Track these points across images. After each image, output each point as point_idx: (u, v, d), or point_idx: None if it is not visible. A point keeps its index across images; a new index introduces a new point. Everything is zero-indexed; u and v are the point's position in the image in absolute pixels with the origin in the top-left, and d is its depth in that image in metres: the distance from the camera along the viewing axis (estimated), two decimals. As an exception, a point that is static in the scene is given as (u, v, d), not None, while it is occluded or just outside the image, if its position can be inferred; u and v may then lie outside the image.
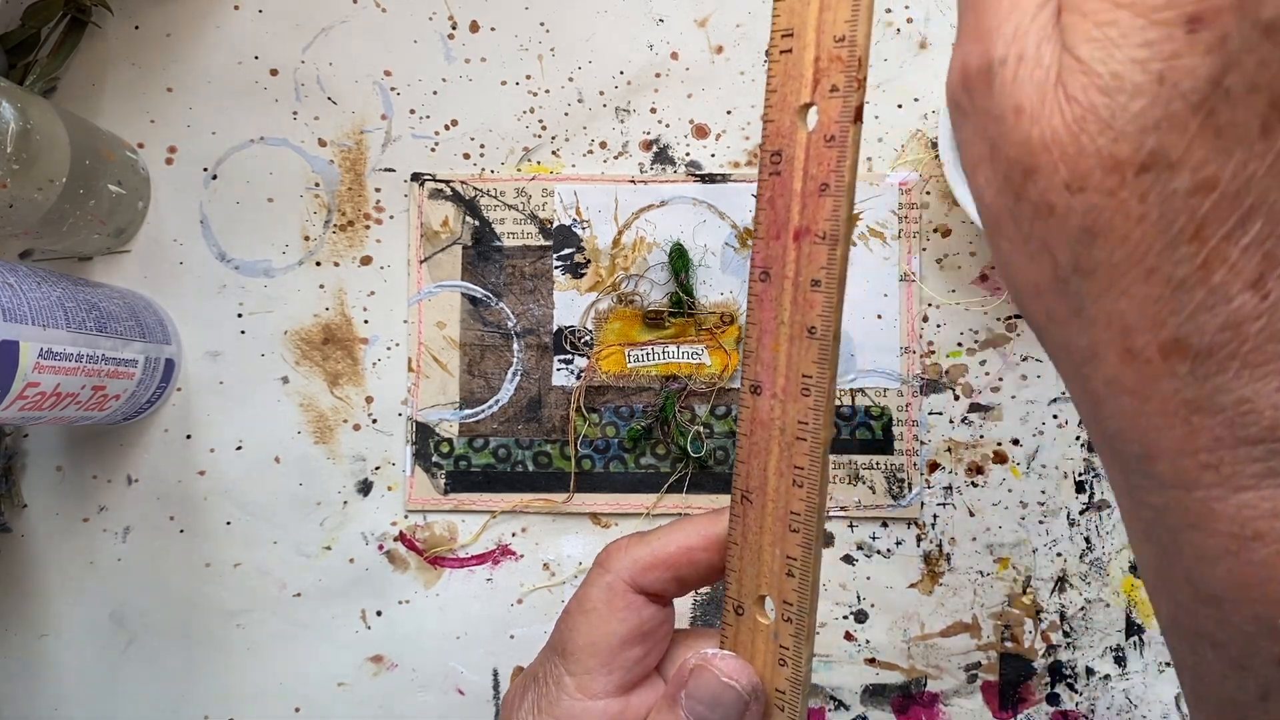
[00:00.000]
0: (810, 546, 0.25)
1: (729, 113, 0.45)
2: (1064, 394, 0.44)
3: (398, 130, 0.46)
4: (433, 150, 0.46)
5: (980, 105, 0.18)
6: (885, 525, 0.44)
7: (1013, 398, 0.44)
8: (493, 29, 0.46)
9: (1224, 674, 0.18)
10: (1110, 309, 0.17)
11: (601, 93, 0.45)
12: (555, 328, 0.45)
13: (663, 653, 0.29)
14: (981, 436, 0.44)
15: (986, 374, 0.44)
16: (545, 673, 0.28)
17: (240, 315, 0.45)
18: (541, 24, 0.46)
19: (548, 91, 0.46)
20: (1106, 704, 0.43)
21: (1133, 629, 0.44)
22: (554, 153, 0.46)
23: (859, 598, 0.44)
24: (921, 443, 0.44)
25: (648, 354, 0.45)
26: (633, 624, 0.27)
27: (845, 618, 0.44)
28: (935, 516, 0.44)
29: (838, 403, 0.44)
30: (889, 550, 0.44)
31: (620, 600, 0.27)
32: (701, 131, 0.45)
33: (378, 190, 0.46)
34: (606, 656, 0.27)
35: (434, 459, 0.45)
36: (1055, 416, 0.44)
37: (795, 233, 0.24)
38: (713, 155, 0.45)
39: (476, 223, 0.45)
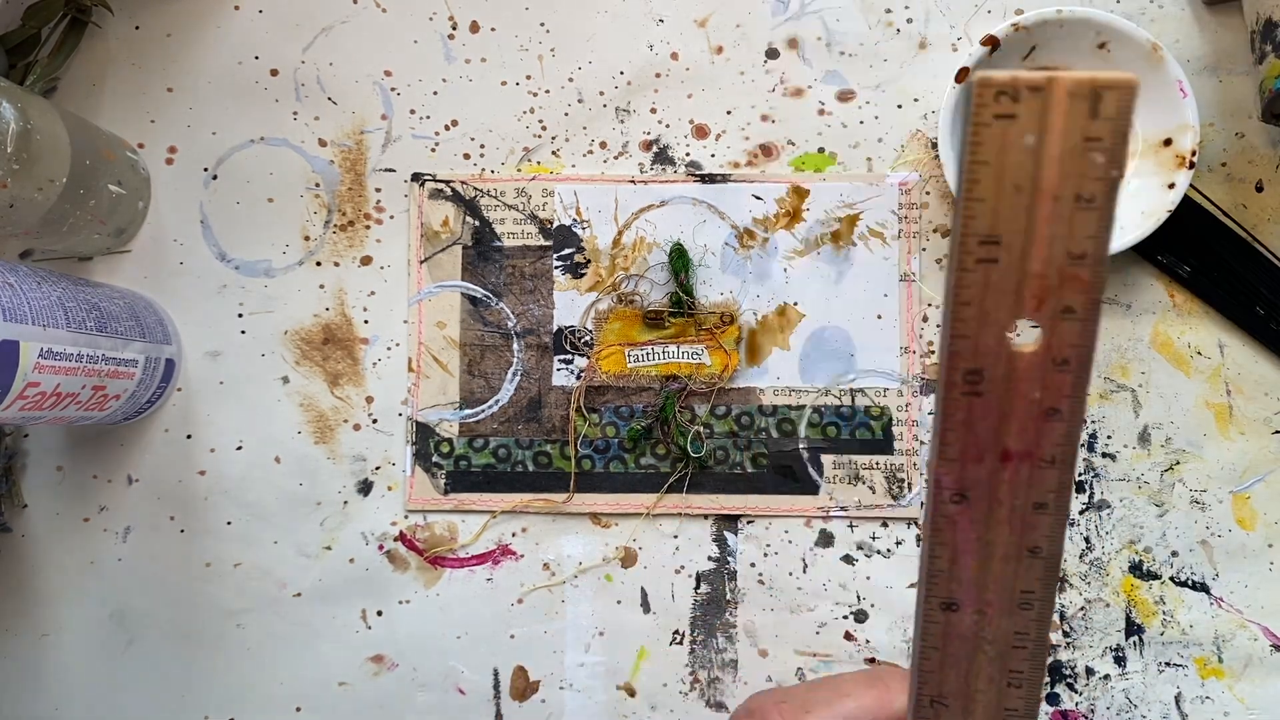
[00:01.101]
0: None
1: (729, 113, 0.45)
2: (1064, 394, 0.44)
3: (398, 130, 0.46)
4: (433, 150, 0.46)
5: None
6: (885, 525, 0.44)
7: (1013, 398, 0.44)
8: (493, 29, 0.46)
9: None
10: None
11: (601, 93, 0.45)
12: (555, 328, 0.45)
13: None
14: (981, 436, 0.44)
15: (986, 374, 0.44)
16: None
17: (240, 315, 0.45)
18: (541, 24, 0.46)
19: (548, 91, 0.46)
20: (1106, 704, 0.43)
21: (1133, 629, 0.44)
22: (554, 153, 0.46)
23: (859, 598, 0.44)
24: (921, 443, 0.44)
25: (648, 354, 0.45)
26: None
27: (845, 618, 0.44)
28: (935, 516, 0.44)
29: (837, 402, 0.44)
30: (889, 550, 0.44)
31: None
32: (701, 131, 0.45)
33: (378, 190, 0.46)
34: None
35: (434, 459, 0.45)
36: (1055, 416, 0.44)
37: (1004, 455, 0.22)
38: (713, 155, 0.45)
39: (476, 223, 0.45)
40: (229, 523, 0.45)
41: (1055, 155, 0.20)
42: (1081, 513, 0.44)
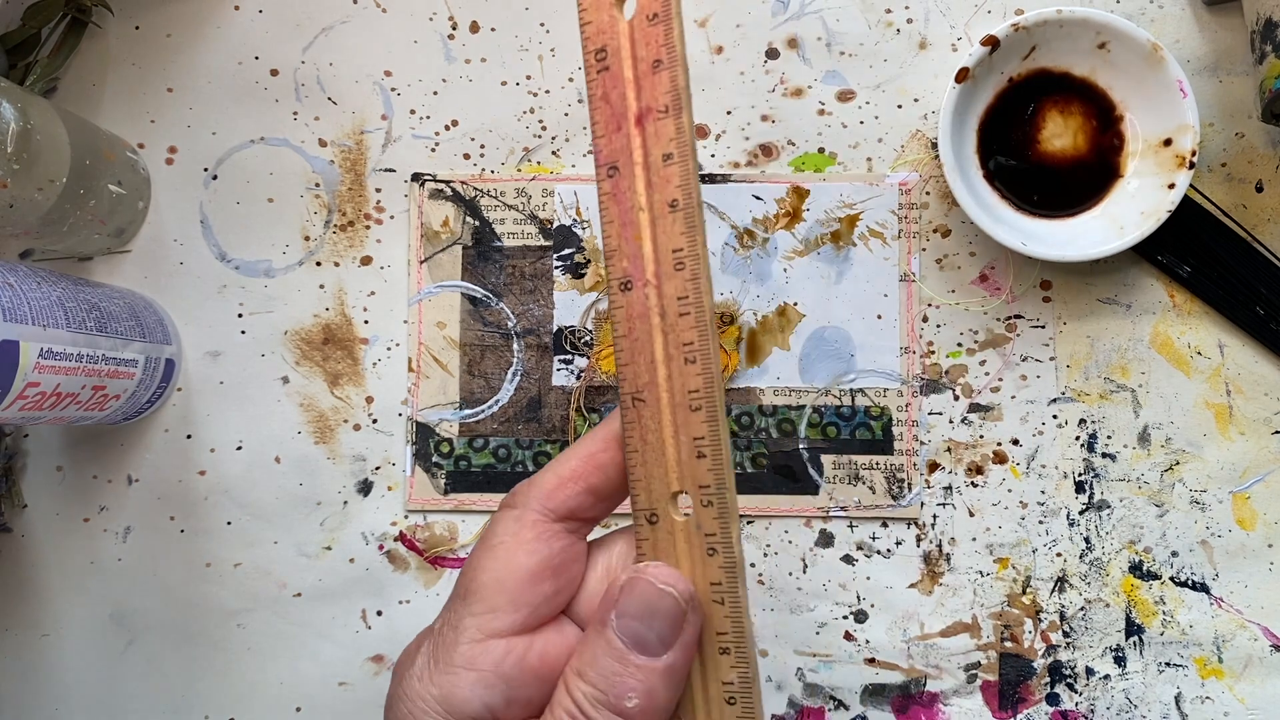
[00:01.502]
0: (716, 420, 0.24)
1: (729, 113, 0.45)
2: (1064, 394, 0.44)
3: (398, 130, 0.46)
4: (433, 150, 0.46)
5: None
6: (885, 525, 0.44)
7: (1012, 398, 0.44)
8: (493, 29, 0.46)
9: None
10: None
11: (601, 93, 0.45)
12: (555, 328, 0.45)
13: (573, 593, 0.27)
14: (981, 436, 0.44)
15: (986, 374, 0.44)
16: (443, 622, 0.26)
17: (240, 315, 0.45)
18: (541, 24, 0.46)
19: (548, 91, 0.46)
20: (1106, 704, 0.44)
21: (1132, 629, 0.44)
22: (554, 153, 0.46)
23: (859, 598, 0.44)
24: (921, 443, 0.44)
25: (648, 354, 0.44)
26: (542, 556, 0.26)
27: (845, 618, 0.44)
28: (935, 516, 0.44)
29: (837, 402, 0.44)
30: (889, 550, 0.44)
31: (529, 532, 0.26)
32: (701, 132, 0.45)
33: (378, 190, 0.46)
34: (514, 592, 0.25)
35: (434, 459, 0.45)
36: (1055, 416, 0.44)
37: (636, 117, 0.24)
38: (713, 155, 0.45)
39: (477, 223, 0.45)
40: (229, 523, 0.45)
41: None
42: (1081, 513, 0.44)
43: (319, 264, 0.46)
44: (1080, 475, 0.44)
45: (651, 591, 0.24)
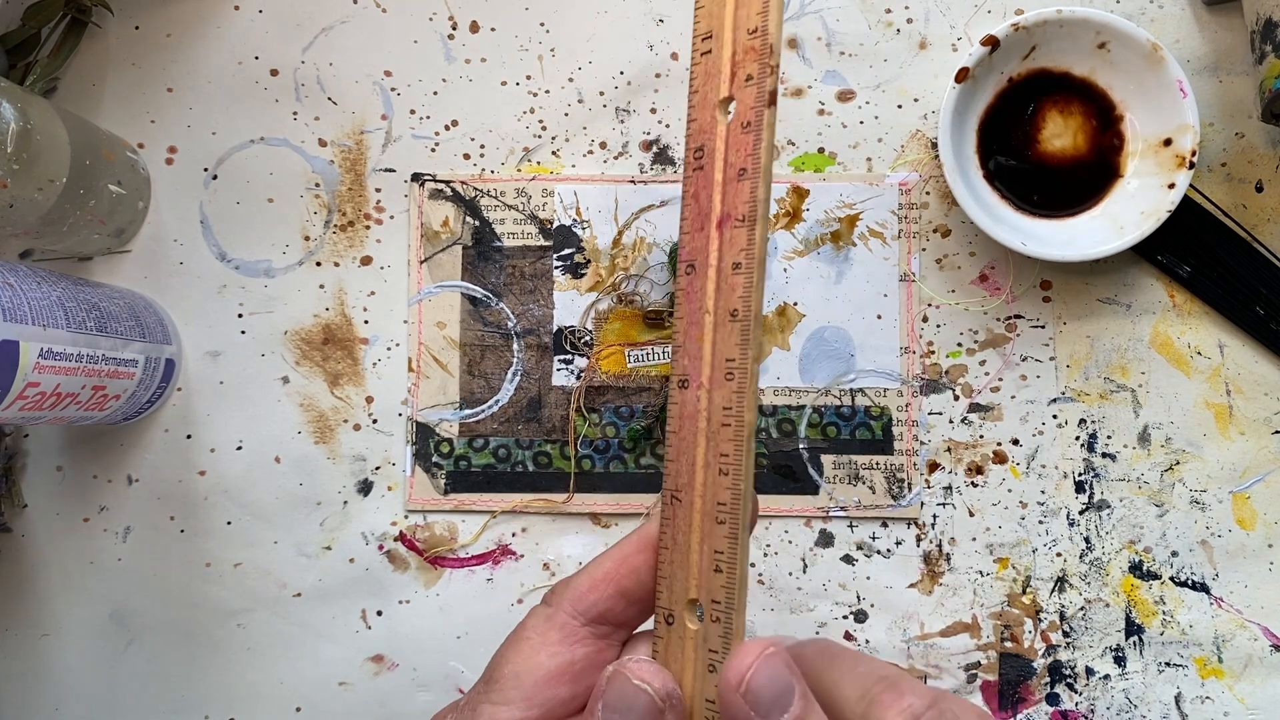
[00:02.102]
0: (736, 538, 0.24)
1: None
2: (1064, 394, 0.44)
3: (398, 130, 0.46)
4: (433, 150, 0.46)
5: None
6: (885, 525, 0.44)
7: (1012, 398, 0.44)
8: (493, 29, 0.46)
9: None
10: None
11: (601, 93, 0.45)
12: (555, 328, 0.45)
13: None
14: (981, 436, 0.44)
15: (986, 374, 0.44)
16: (468, 701, 0.26)
17: (240, 315, 0.45)
18: (541, 24, 0.46)
19: (548, 91, 0.46)
20: (1106, 704, 0.43)
21: (1132, 629, 0.44)
22: (554, 153, 0.46)
23: (859, 598, 0.44)
24: (921, 443, 0.44)
25: (648, 354, 0.45)
26: (563, 659, 0.26)
27: (845, 618, 0.44)
28: (935, 516, 0.44)
29: (837, 402, 0.44)
30: (889, 550, 0.44)
31: (556, 633, 0.26)
32: (701, 131, 0.45)
33: (378, 190, 0.46)
34: (529, 689, 0.25)
35: (434, 459, 0.45)
36: (1055, 416, 0.44)
37: (718, 221, 0.24)
38: (713, 155, 0.45)
39: (476, 223, 0.45)
40: (229, 523, 0.45)
41: None
42: (1081, 513, 0.44)
43: (319, 264, 0.46)
44: (1080, 475, 0.44)
45: (628, 687, 0.24)
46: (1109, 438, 0.44)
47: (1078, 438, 0.44)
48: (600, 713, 0.25)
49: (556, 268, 0.45)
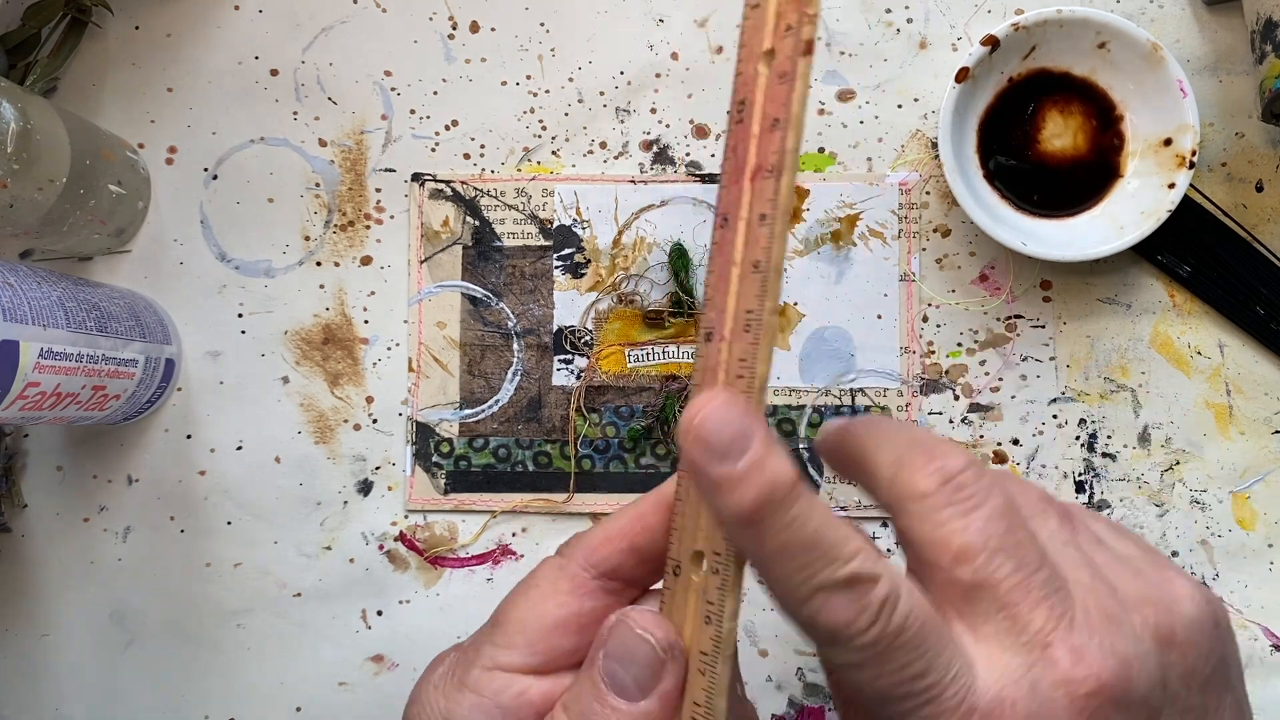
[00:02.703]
0: None
1: (729, 113, 0.45)
2: (1064, 394, 0.44)
3: (398, 130, 0.46)
4: (433, 150, 0.46)
5: None
6: (885, 525, 0.44)
7: (1013, 398, 0.44)
8: (493, 29, 0.46)
9: None
10: None
11: (601, 93, 0.45)
12: (555, 328, 0.45)
13: None
14: (981, 436, 0.44)
15: (986, 374, 0.44)
16: (471, 642, 0.27)
17: (240, 315, 0.45)
18: (541, 24, 0.46)
19: (548, 91, 0.46)
20: (1106, 704, 0.43)
21: (1132, 629, 0.44)
22: (554, 153, 0.46)
23: (859, 598, 0.44)
24: (921, 443, 0.44)
25: (648, 354, 0.45)
26: (570, 610, 0.26)
27: (845, 618, 0.44)
28: (935, 516, 0.44)
29: (837, 402, 0.44)
30: (889, 550, 0.44)
31: (566, 584, 0.26)
32: (701, 131, 0.45)
33: (378, 190, 0.46)
34: (534, 636, 0.25)
35: (434, 459, 0.45)
36: (1055, 416, 0.44)
37: (751, 174, 0.24)
38: (713, 155, 0.45)
39: (477, 223, 0.45)
40: (229, 523, 0.45)
41: None
42: (1081, 513, 0.44)
43: (319, 264, 0.46)
44: (1080, 475, 0.44)
45: (630, 635, 0.24)
46: (1109, 438, 0.44)
47: (1078, 438, 0.44)
48: (601, 661, 0.25)
49: (556, 268, 0.45)
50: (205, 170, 0.46)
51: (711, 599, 0.24)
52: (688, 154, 0.45)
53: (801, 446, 0.44)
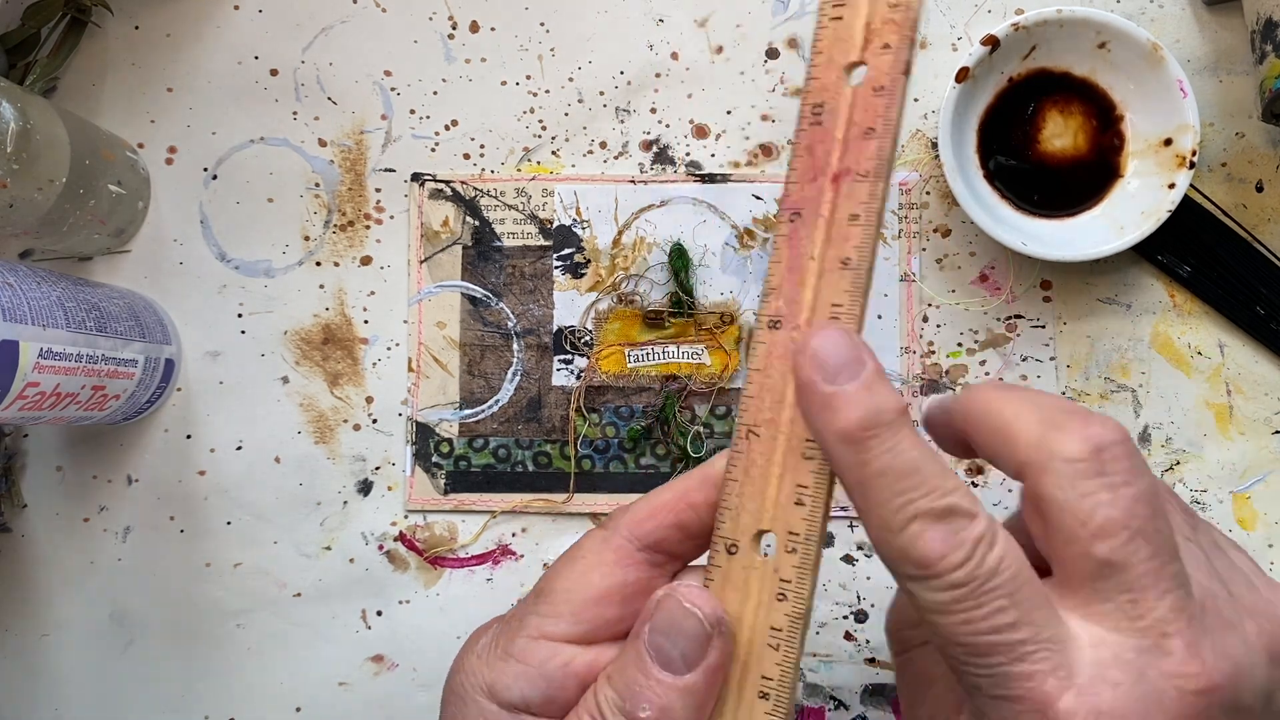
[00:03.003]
0: (824, 475, 0.25)
1: (729, 113, 0.45)
2: (1064, 394, 0.44)
3: (398, 130, 0.46)
4: (433, 150, 0.46)
5: None
6: (885, 525, 0.44)
7: (1013, 398, 0.44)
8: (493, 29, 0.46)
9: None
10: None
11: (601, 93, 0.45)
12: (555, 328, 0.45)
13: None
14: (981, 436, 0.44)
15: (986, 374, 0.44)
16: (515, 613, 0.27)
17: (240, 315, 0.45)
18: (541, 24, 0.46)
19: (548, 91, 0.46)
20: (1106, 704, 0.43)
21: (1133, 629, 0.44)
22: (554, 153, 0.46)
23: (859, 598, 0.44)
24: (921, 443, 0.44)
25: (648, 354, 0.45)
26: (615, 580, 0.26)
27: (845, 618, 0.44)
28: (935, 516, 0.44)
29: (838, 403, 0.44)
30: (889, 550, 0.44)
31: (611, 554, 0.26)
32: (701, 131, 0.45)
33: (378, 190, 0.46)
34: (579, 605, 0.26)
35: (434, 459, 0.45)
36: (1055, 416, 0.44)
37: (834, 175, 0.25)
38: (713, 155, 0.45)
39: (476, 223, 0.45)
40: (229, 523, 0.45)
41: None
42: (1081, 513, 0.44)
43: (319, 264, 0.46)
44: (1080, 475, 0.44)
45: (678, 609, 0.25)
46: (1109, 438, 0.44)
47: (1078, 438, 0.44)
48: (647, 635, 0.25)
49: (556, 268, 0.45)
50: (205, 170, 0.46)
51: (788, 576, 0.25)
52: (688, 154, 0.45)
53: (801, 446, 0.44)
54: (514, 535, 0.45)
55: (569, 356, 0.45)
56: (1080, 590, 0.23)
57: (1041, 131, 0.43)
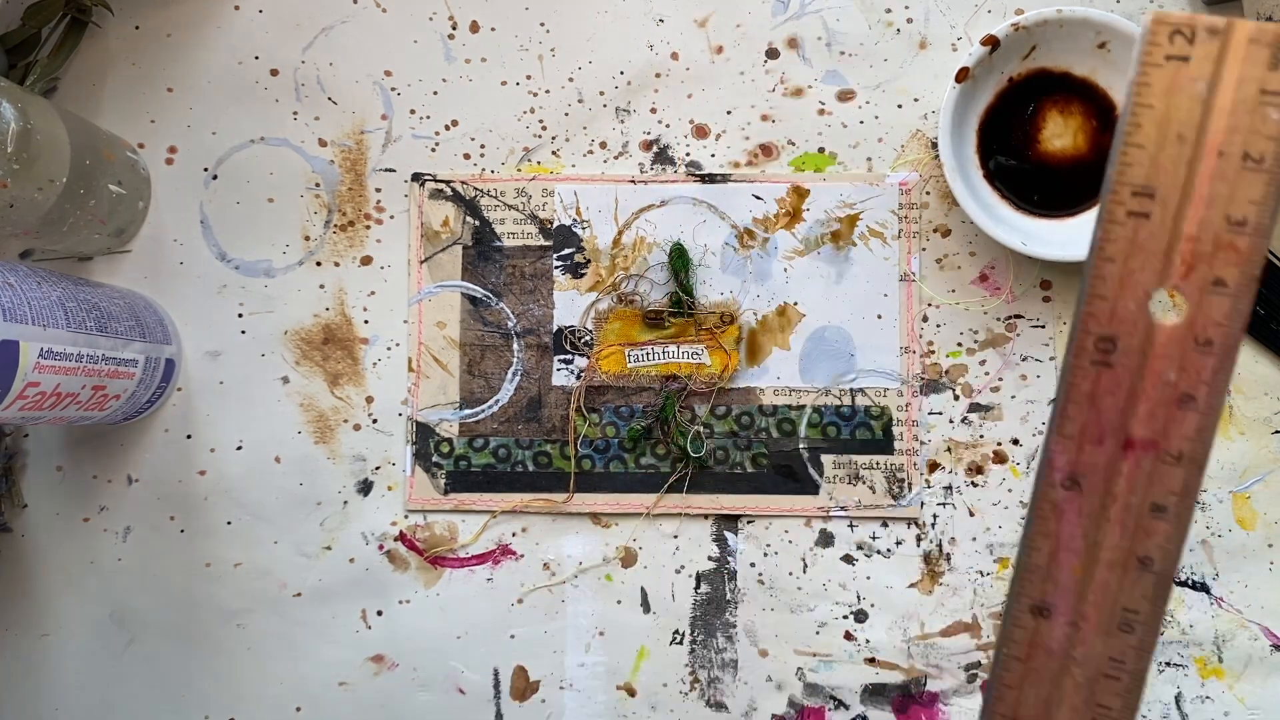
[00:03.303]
0: None
1: (729, 113, 0.45)
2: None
3: (398, 130, 0.46)
4: (433, 150, 0.46)
5: None
6: (885, 525, 0.44)
7: (1012, 397, 0.44)
8: (493, 29, 0.46)
9: None
10: None
11: (601, 93, 0.45)
12: (555, 328, 0.45)
13: None
14: (981, 436, 0.44)
15: (986, 374, 0.44)
16: None
17: (240, 315, 0.45)
18: (541, 24, 0.46)
19: (548, 91, 0.46)
20: (1106, 704, 0.43)
21: (1133, 629, 0.44)
22: (554, 153, 0.46)
23: (859, 598, 0.44)
24: (921, 443, 0.44)
25: (648, 354, 0.45)
26: None
27: (845, 618, 0.44)
28: (935, 516, 0.44)
29: (837, 402, 0.44)
30: (889, 550, 0.44)
31: None
32: (701, 131, 0.45)
33: (378, 190, 0.46)
34: None
35: (434, 459, 0.45)
36: (1055, 416, 0.44)
37: (1128, 442, 0.20)
38: (713, 155, 0.45)
39: (477, 223, 0.45)
40: (229, 523, 0.45)
41: (1226, 106, 0.18)
42: (1081, 513, 0.44)
43: (319, 264, 0.46)
44: (1080, 475, 0.44)
45: None
46: (1109, 438, 0.44)
47: (1078, 438, 0.44)
48: None
49: (556, 268, 0.45)
50: (205, 170, 0.46)
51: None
52: (688, 154, 0.45)
53: (801, 446, 0.44)
54: (514, 535, 0.45)
55: (569, 356, 0.45)
56: None
57: (1041, 131, 0.43)
